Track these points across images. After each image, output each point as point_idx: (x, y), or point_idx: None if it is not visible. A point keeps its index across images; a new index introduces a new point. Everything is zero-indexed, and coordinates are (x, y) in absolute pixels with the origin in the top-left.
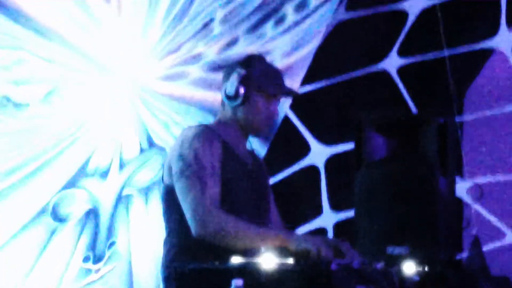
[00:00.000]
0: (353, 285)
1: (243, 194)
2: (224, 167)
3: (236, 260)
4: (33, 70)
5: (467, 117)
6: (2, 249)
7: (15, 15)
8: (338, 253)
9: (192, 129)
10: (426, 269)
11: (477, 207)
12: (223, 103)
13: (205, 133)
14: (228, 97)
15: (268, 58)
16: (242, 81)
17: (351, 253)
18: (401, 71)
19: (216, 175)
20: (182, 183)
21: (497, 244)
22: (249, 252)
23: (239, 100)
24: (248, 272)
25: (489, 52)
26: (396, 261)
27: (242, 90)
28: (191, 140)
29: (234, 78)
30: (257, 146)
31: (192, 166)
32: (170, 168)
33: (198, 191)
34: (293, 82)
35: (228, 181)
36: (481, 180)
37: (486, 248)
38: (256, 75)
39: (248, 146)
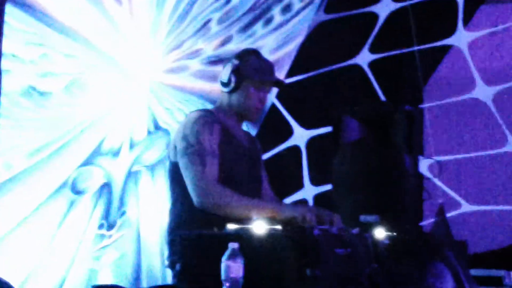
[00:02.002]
0: (333, 248)
1: (240, 170)
2: (222, 147)
3: (231, 227)
4: (55, 63)
5: (429, 104)
6: (29, 217)
7: (40, 15)
8: (321, 218)
9: (195, 113)
10: (394, 234)
11: (437, 181)
12: (221, 91)
13: (206, 117)
14: (223, 84)
15: None
16: (235, 70)
17: (333, 217)
18: (372, 65)
19: (214, 154)
20: (185, 160)
21: (453, 213)
22: (243, 220)
23: (231, 87)
24: (242, 237)
25: (448, 48)
26: (368, 227)
27: (233, 78)
28: (193, 123)
29: (228, 68)
30: (248, 129)
31: (194, 146)
32: (175, 147)
33: (199, 167)
34: (280, 75)
35: (227, 160)
36: (440, 158)
37: None
38: (248, 66)
39: (244, 128)
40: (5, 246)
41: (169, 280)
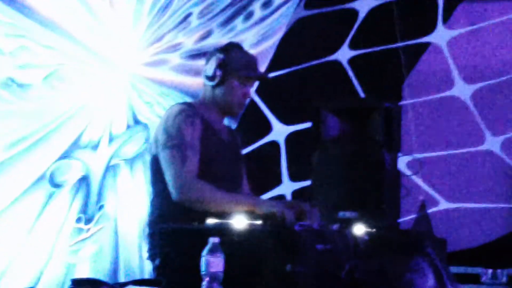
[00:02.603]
0: (313, 244)
1: (221, 165)
2: (203, 141)
3: (212, 221)
4: (34, 55)
5: (408, 101)
6: (6, 210)
7: (20, 6)
8: (300, 213)
9: (176, 106)
10: (374, 230)
11: (415, 178)
12: (204, 85)
13: (187, 111)
14: (207, 78)
15: None
16: (220, 64)
17: (311, 212)
18: (351, 61)
19: (195, 148)
20: (165, 154)
21: (431, 210)
22: (223, 215)
23: (216, 81)
24: (223, 232)
25: (427, 45)
26: (348, 223)
27: (218, 72)
28: (175, 116)
29: (213, 62)
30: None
31: (174, 139)
32: (156, 140)
33: (179, 161)
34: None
35: (208, 154)
36: (419, 155)
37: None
38: (234, 60)
39: (225, 122)
40: None
41: (148, 273)
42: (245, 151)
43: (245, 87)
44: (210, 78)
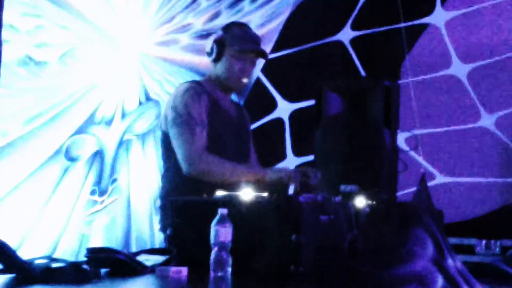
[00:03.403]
0: (317, 215)
1: (228, 139)
2: (211, 117)
3: (221, 193)
4: (50, 35)
5: (407, 80)
6: (24, 183)
7: None
8: (304, 175)
9: (184, 85)
10: (374, 203)
11: (412, 153)
12: (210, 62)
13: (195, 88)
14: (207, 54)
15: None
16: (217, 40)
17: (315, 173)
18: (353, 41)
19: (203, 124)
20: (175, 130)
21: (429, 184)
22: (231, 187)
23: (213, 57)
24: (231, 203)
25: (426, 26)
26: (349, 196)
27: (215, 48)
28: (183, 94)
29: (211, 38)
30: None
31: (183, 116)
32: (166, 117)
33: (188, 137)
34: (265, 49)
35: (216, 129)
36: (417, 131)
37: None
38: (229, 36)
39: (233, 98)
40: (2, 209)
41: (158, 243)
42: (251, 127)
43: (241, 62)
44: (209, 54)
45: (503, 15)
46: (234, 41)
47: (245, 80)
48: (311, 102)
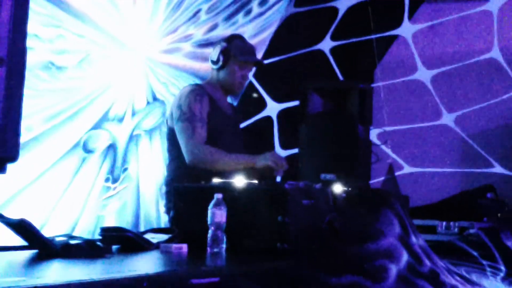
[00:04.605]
0: (300, 199)
1: (225, 134)
2: (211, 115)
3: (216, 181)
4: (69, 43)
5: (379, 83)
6: (47, 171)
7: (57, 1)
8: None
9: (188, 87)
10: (349, 189)
11: (384, 147)
12: (211, 69)
13: (197, 90)
14: (212, 62)
15: None
16: (223, 51)
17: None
18: (332, 50)
19: (203, 120)
20: (179, 126)
21: (397, 173)
22: (226, 175)
23: (219, 65)
24: (225, 189)
25: (395, 37)
26: (328, 184)
27: (221, 58)
28: (186, 95)
29: (217, 49)
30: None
31: (186, 114)
32: (172, 115)
33: (190, 132)
34: (257, 57)
35: (215, 126)
36: (387, 128)
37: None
38: (234, 48)
39: (228, 100)
40: (27, 194)
41: (163, 224)
42: (244, 124)
43: (244, 70)
44: (215, 62)
45: (462, 28)
46: (238, 52)
47: (244, 85)
48: (296, 103)
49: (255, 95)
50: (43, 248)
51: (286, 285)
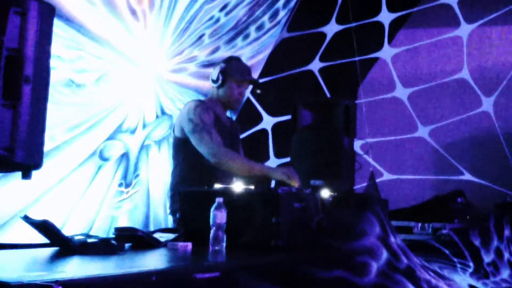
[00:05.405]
0: (292, 202)
1: (225, 145)
2: (214, 127)
3: (218, 186)
4: (88, 63)
5: (362, 100)
6: (68, 177)
7: (78, 26)
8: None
9: (194, 102)
10: (335, 194)
11: (366, 156)
12: (212, 86)
13: (202, 104)
14: (212, 81)
15: None
16: (222, 71)
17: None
18: (320, 70)
19: (214, 129)
20: (196, 136)
21: (377, 180)
22: (226, 181)
23: (218, 83)
24: (226, 193)
25: (376, 59)
26: (317, 189)
27: (220, 77)
28: (194, 108)
29: (217, 69)
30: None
31: (199, 125)
32: (180, 127)
33: (208, 138)
34: (254, 76)
35: None
36: (369, 139)
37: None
38: (232, 68)
39: (227, 114)
40: (50, 197)
41: (170, 224)
42: (242, 135)
43: (240, 88)
44: (215, 81)
45: (435, 52)
46: (235, 72)
47: (241, 101)
48: (288, 117)
49: (252, 110)
50: (63, 246)
51: (279, 278)
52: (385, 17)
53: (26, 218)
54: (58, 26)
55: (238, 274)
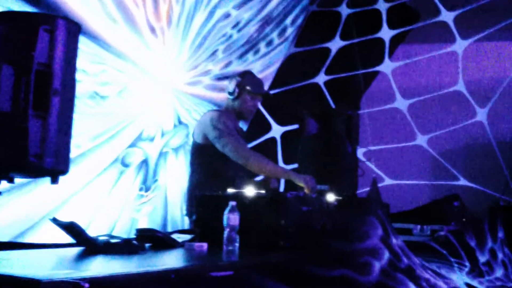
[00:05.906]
0: (299, 206)
1: None
2: None
3: (231, 190)
4: (111, 76)
5: (364, 110)
6: (92, 182)
7: (101, 42)
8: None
9: (216, 111)
10: (340, 198)
11: (368, 163)
12: (227, 98)
13: (223, 113)
14: (229, 93)
15: None
16: (238, 84)
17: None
18: (326, 83)
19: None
20: (223, 141)
21: (379, 185)
22: (238, 186)
23: (234, 95)
24: (238, 197)
25: (377, 73)
26: (322, 193)
27: (236, 89)
28: (218, 117)
29: (233, 82)
30: (242, 125)
31: (225, 131)
32: (203, 134)
33: (235, 141)
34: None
35: None
36: (371, 147)
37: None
38: (247, 81)
39: (240, 124)
40: (75, 200)
41: (187, 226)
42: (253, 143)
43: (254, 100)
44: (231, 93)
45: (433, 65)
46: (250, 85)
47: (254, 112)
48: (296, 126)
49: (262, 119)
50: (88, 246)
51: (287, 276)
52: (386, 33)
53: (54, 220)
54: (83, 42)
55: (250, 273)
